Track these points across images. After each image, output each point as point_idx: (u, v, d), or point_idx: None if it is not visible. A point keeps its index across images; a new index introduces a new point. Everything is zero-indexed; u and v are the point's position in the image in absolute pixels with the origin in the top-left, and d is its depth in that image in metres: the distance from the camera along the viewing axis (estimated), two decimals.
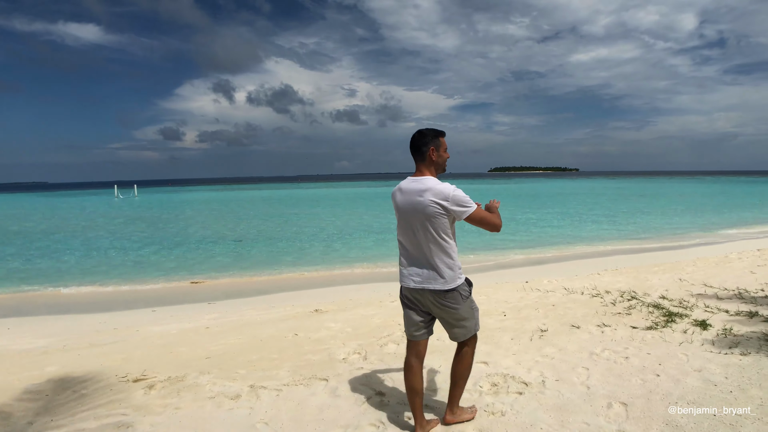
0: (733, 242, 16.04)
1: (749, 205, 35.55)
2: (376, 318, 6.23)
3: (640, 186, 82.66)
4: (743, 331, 5.10)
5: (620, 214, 28.78)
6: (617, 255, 13.93)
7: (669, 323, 5.43)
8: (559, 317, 5.89)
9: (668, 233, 19.09)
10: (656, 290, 7.15)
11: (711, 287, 7.25)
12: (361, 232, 21.45)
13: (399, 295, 3.14)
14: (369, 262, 14.37)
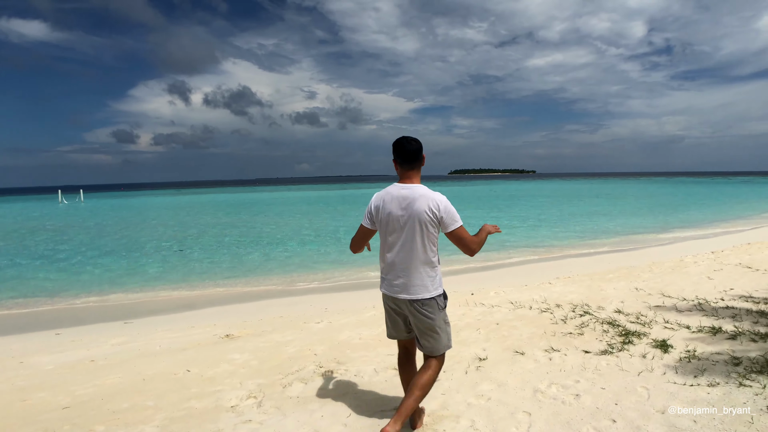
0: (686, 242, 15.83)
1: (698, 205, 36.17)
2: (291, 346, 5.32)
3: (595, 187, 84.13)
4: (708, 353, 4.44)
5: (575, 215, 28.64)
6: (571, 258, 13.39)
7: (626, 345, 4.73)
8: (502, 340, 5.11)
9: (622, 235, 18.81)
10: (611, 302, 6.48)
11: (669, 297, 6.63)
12: (314, 238, 20.43)
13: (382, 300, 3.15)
14: (314, 271, 13.40)
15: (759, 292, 6.76)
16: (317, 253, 16.40)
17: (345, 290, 10.88)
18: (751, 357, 4.28)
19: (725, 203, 37.66)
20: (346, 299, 9.61)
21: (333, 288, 11.16)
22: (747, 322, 5.34)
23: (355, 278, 12.05)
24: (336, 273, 12.91)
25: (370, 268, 13.00)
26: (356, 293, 10.29)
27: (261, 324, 7.03)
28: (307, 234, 21.65)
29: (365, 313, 6.76)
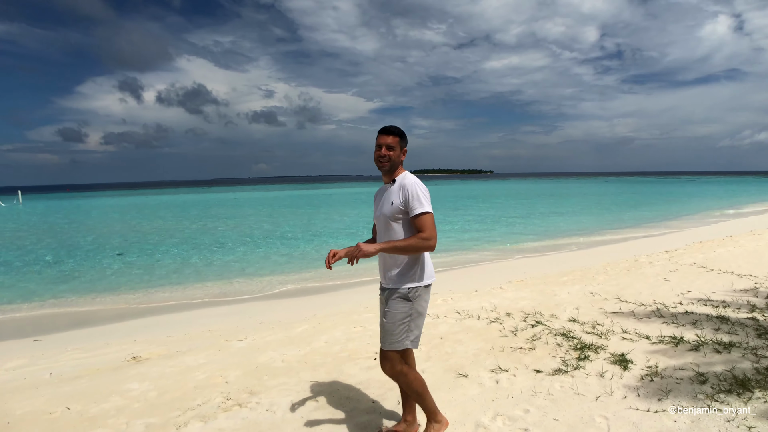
0: (639, 240, 15.78)
1: (649, 204, 36.92)
2: (201, 371, 4.58)
3: (550, 187, 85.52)
4: (671, 368, 3.96)
5: (530, 215, 28.62)
6: (526, 258, 13.01)
7: (582, 361, 4.20)
8: (445, 358, 4.51)
9: (576, 234, 18.68)
10: (565, 309, 5.99)
11: (626, 302, 6.20)
12: (263, 241, 19.50)
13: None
14: (259, 277, 12.55)
15: (716, 294, 6.41)
16: (264, 257, 15.55)
17: (289, 297, 10.15)
18: (717, 373, 3.82)
19: (674, 202, 38.60)
20: (287, 308, 8.90)
21: (277, 295, 10.40)
22: (708, 330, 4.92)
23: (301, 285, 11.30)
24: (282, 278, 12.14)
25: (314, 273, 12.31)
26: (299, 301, 9.59)
27: (179, 342, 6.25)
28: (257, 237, 20.71)
29: (297, 327, 6.07)
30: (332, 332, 5.66)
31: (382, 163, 2.78)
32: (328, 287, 10.77)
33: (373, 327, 5.73)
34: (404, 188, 2.74)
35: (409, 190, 2.71)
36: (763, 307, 5.64)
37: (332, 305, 8.45)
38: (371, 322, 5.99)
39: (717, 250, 10.40)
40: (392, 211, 2.75)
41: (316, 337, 5.49)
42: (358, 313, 6.69)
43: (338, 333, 5.61)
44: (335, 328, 5.83)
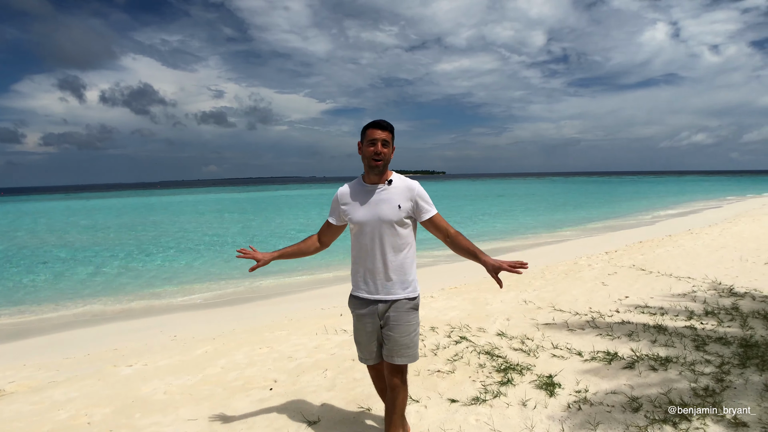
0: (580, 240, 15.72)
1: (593, 203, 37.62)
2: (66, 409, 3.82)
3: (499, 187, 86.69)
4: (602, 392, 3.48)
5: (477, 215, 28.52)
6: (466, 261, 12.52)
7: (504, 385, 3.67)
8: (352, 385, 3.90)
9: (520, 235, 18.53)
10: (495, 320, 5.49)
11: (560, 311, 5.76)
12: (198, 246, 18.42)
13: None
14: (188, 285, 11.63)
15: (654, 300, 6.06)
16: (194, 264, 14.58)
17: (214, 307, 9.34)
18: (652, 397, 3.36)
19: (617, 201, 39.46)
20: (208, 320, 8.14)
21: (200, 306, 9.56)
22: (644, 342, 4.51)
23: (231, 294, 10.49)
24: (214, 286, 11.30)
25: (241, 281, 11.53)
26: (223, 311, 8.81)
27: (67, 367, 5.44)
28: (190, 243, 19.59)
29: (198, 348, 5.35)
30: (234, 354, 4.97)
31: (377, 161, 2.53)
32: (256, 296, 10.03)
33: (281, 348, 5.08)
34: (413, 190, 2.60)
35: (419, 192, 2.61)
36: (701, 314, 5.29)
37: (252, 318, 7.75)
38: (280, 341, 5.33)
39: (656, 250, 10.22)
40: (400, 216, 2.56)
41: (214, 361, 4.79)
42: (271, 329, 6.01)
43: (240, 355, 4.92)
44: (239, 349, 5.14)
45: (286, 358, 4.72)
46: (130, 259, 15.78)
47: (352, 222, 2.62)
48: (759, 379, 3.58)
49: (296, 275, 11.94)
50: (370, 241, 2.58)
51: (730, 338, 4.46)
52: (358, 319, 2.70)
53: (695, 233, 13.20)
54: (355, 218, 2.60)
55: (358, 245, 2.64)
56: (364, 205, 2.59)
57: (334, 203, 2.71)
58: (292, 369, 4.40)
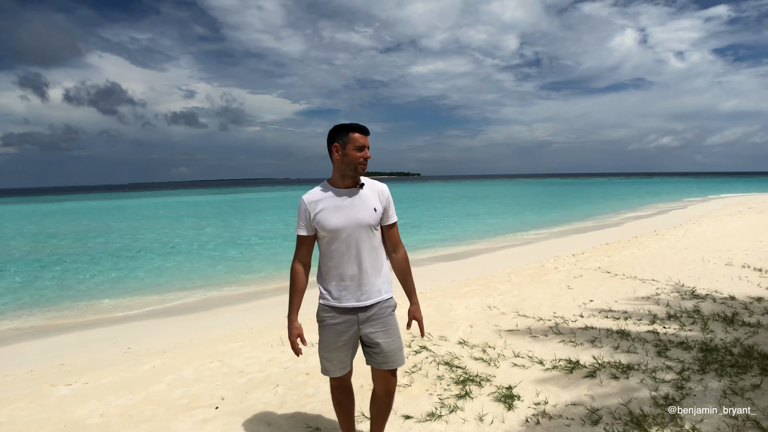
0: (549, 241, 15.79)
1: (564, 204, 38.06)
2: None
3: (473, 189, 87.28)
4: (561, 404, 3.37)
5: (449, 217, 28.54)
6: (437, 264, 12.49)
7: (461, 399, 3.53)
8: (303, 402, 3.71)
9: (491, 237, 18.52)
10: (458, 328, 5.37)
11: (524, 316, 5.66)
12: (164, 251, 17.91)
13: None
14: (150, 293, 11.21)
15: (618, 303, 6.02)
16: (155, 271, 14.14)
17: (176, 315, 9.01)
18: (612, 408, 3.25)
19: (586, 203, 39.99)
20: (170, 329, 7.80)
21: (160, 313, 9.20)
22: (607, 348, 4.43)
23: (194, 302, 10.14)
24: (175, 294, 10.93)
25: (204, 288, 11.20)
26: (184, 320, 8.49)
27: (2, 388, 5.09)
28: (157, 247, 19.05)
29: (146, 363, 5.09)
30: (183, 370, 4.73)
31: (364, 167, 2.48)
32: (220, 303, 9.73)
33: (232, 361, 4.86)
34: (384, 193, 2.57)
35: (388, 196, 2.59)
36: (663, 318, 5.26)
37: (212, 327, 7.48)
38: (233, 354, 5.11)
39: (622, 252, 10.27)
40: (376, 219, 2.52)
41: (161, 378, 4.54)
42: (225, 342, 5.77)
43: (189, 371, 4.68)
44: (189, 364, 4.90)
45: (236, 373, 4.50)
46: (81, 267, 15.18)
47: (325, 229, 2.46)
48: (718, 385, 3.52)
49: (262, 282, 11.67)
50: (346, 247, 2.48)
51: (691, 342, 4.42)
52: (331, 329, 2.55)
53: (660, 234, 13.36)
54: (330, 225, 2.45)
55: (330, 253, 2.51)
56: (339, 210, 2.47)
57: (302, 214, 2.51)
58: (241, 385, 4.19)
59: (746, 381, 3.57)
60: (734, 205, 25.52)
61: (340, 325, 2.54)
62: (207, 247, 18.40)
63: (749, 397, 3.31)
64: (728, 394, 3.37)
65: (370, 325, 2.55)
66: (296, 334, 2.58)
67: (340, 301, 2.52)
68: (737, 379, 3.60)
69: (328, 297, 2.55)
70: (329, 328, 2.56)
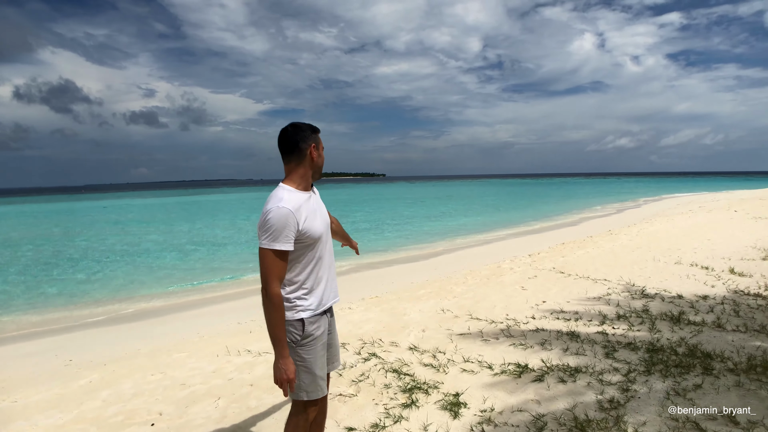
0: (507, 241, 15.97)
1: (522, 205, 38.61)
2: None
3: (437, 189, 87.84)
4: (508, 410, 3.33)
5: (412, 218, 28.55)
6: (396, 266, 12.41)
7: (407, 408, 3.44)
8: (243, 414, 3.57)
9: (451, 237, 18.59)
10: (410, 332, 5.29)
11: (477, 319, 5.63)
12: (110, 257, 17.30)
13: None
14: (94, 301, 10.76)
15: (570, 304, 6.05)
16: (102, 276, 13.63)
17: (125, 322, 8.66)
18: (558, 413, 3.22)
19: (546, 202, 40.70)
20: (117, 338, 7.48)
21: (107, 322, 8.83)
22: (557, 350, 4.42)
23: (144, 309, 9.79)
24: (123, 301, 10.52)
25: (157, 294, 10.84)
26: (132, 328, 8.17)
27: None
28: (107, 252, 18.40)
29: (83, 377, 4.84)
30: (121, 383, 4.50)
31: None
32: (173, 309, 9.41)
33: (175, 373, 4.66)
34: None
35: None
36: (613, 318, 5.30)
37: (162, 336, 7.21)
38: (176, 365, 4.91)
39: (577, 252, 10.41)
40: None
41: (96, 393, 4.31)
42: (170, 352, 5.54)
43: (128, 384, 4.46)
44: (129, 377, 4.68)
45: (178, 386, 4.31)
46: (25, 274, 14.55)
47: (312, 237, 2.25)
48: (662, 386, 3.53)
49: (216, 287, 11.37)
50: (324, 251, 2.36)
51: (638, 343, 4.45)
52: (320, 341, 2.34)
53: (614, 234, 13.62)
54: (317, 232, 2.27)
55: (309, 261, 2.29)
56: (316, 214, 2.32)
57: (290, 224, 2.15)
58: (181, 399, 4.00)
59: (689, 381, 3.59)
60: (686, 205, 26.34)
61: (324, 333, 2.38)
62: (159, 252, 17.87)
63: (691, 398, 3.32)
64: (671, 395, 3.38)
65: (332, 322, 2.50)
66: (293, 369, 2.21)
67: (323, 306, 2.36)
68: (680, 380, 3.62)
69: (312, 307, 2.31)
70: (318, 339, 2.33)
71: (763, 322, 4.85)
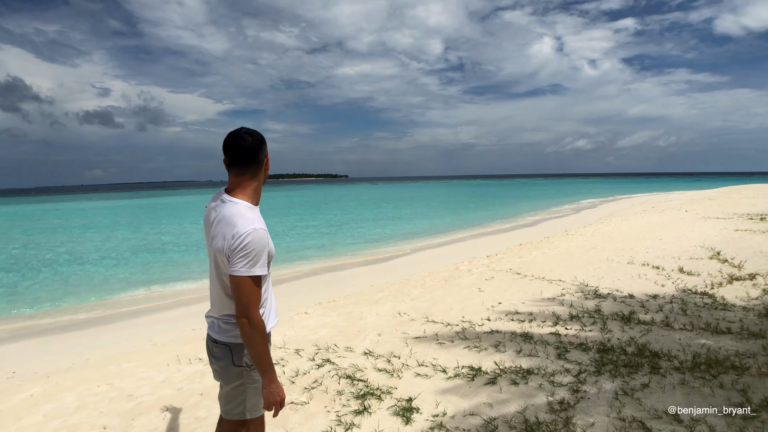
0: (466, 242, 16.12)
1: (483, 206, 39.08)
2: None
3: (399, 190, 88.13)
4: (460, 413, 3.33)
5: (377, 220, 28.50)
6: (355, 269, 12.33)
7: (359, 415, 3.39)
8: (191, 427, 3.43)
9: (411, 238, 18.63)
10: (366, 337, 5.24)
11: (433, 322, 5.62)
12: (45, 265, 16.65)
13: None
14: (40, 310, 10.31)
15: (525, 305, 6.11)
16: (54, 280, 13.10)
17: (76, 329, 8.32)
18: (509, 417, 3.23)
19: (506, 203, 41.28)
20: (66, 347, 7.17)
21: (56, 329, 8.46)
22: (510, 352, 4.45)
23: (97, 315, 9.42)
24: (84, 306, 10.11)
25: (102, 301, 10.49)
26: (83, 336, 7.85)
27: None
28: (58, 256, 17.72)
29: (26, 390, 4.60)
30: (64, 396, 4.30)
31: None
32: (127, 315, 9.09)
33: (122, 384, 4.48)
34: None
35: None
36: (566, 318, 5.37)
37: (113, 343, 6.95)
38: (125, 375, 4.72)
39: (533, 253, 10.55)
40: None
41: (37, 408, 4.10)
42: (119, 361, 5.34)
43: (71, 397, 4.26)
44: (73, 389, 4.48)
45: (125, 397, 4.14)
46: None
47: (272, 256, 2.09)
48: (611, 386, 3.58)
49: (172, 293, 11.07)
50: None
51: (590, 343, 4.51)
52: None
53: (571, 234, 13.89)
54: (273, 250, 2.12)
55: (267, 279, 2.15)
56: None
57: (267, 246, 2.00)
58: (128, 411, 3.85)
59: (637, 380, 3.66)
60: (640, 205, 27.14)
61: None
62: (111, 256, 17.31)
63: (638, 398, 3.38)
64: (619, 395, 3.43)
65: None
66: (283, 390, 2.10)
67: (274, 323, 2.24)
68: (629, 379, 3.68)
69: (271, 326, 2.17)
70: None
71: (708, 320, 4.99)
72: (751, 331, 4.58)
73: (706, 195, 31.05)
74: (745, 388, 3.38)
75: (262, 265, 1.97)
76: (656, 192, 48.76)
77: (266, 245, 1.98)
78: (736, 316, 5.13)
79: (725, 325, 4.82)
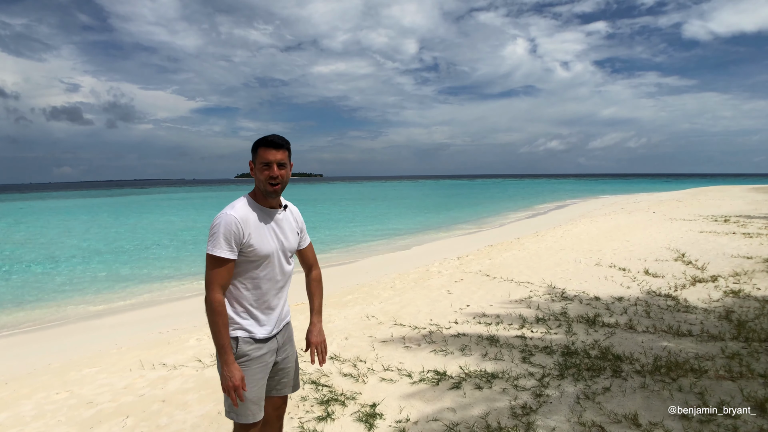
0: (438, 242, 16.19)
1: (457, 205, 39.30)
2: None
3: (374, 190, 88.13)
4: (423, 419, 3.34)
5: (336, 222, 28.40)
6: (325, 269, 12.18)
7: (322, 421, 3.35)
8: None
9: (383, 239, 18.62)
10: (333, 340, 5.21)
11: (401, 325, 5.61)
12: None
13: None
14: None
15: (493, 307, 6.14)
16: (19, 280, 12.71)
17: (40, 331, 8.08)
18: (471, 422, 3.23)
19: (479, 203, 41.59)
20: (31, 351, 6.93)
21: (21, 331, 8.20)
22: (476, 356, 4.46)
23: (59, 318, 9.16)
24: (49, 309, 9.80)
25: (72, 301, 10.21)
26: (48, 337, 7.62)
27: None
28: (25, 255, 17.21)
29: None
30: (22, 404, 4.16)
31: (275, 186, 2.18)
32: (92, 316, 8.85)
33: (82, 391, 4.36)
34: (298, 216, 2.42)
35: (300, 218, 2.44)
36: (532, 321, 5.41)
37: (78, 346, 6.77)
38: (85, 382, 4.59)
39: (503, 254, 10.63)
40: (298, 243, 2.41)
41: None
42: (80, 367, 5.19)
43: (29, 405, 4.13)
44: (31, 396, 4.33)
45: (84, 405, 4.02)
46: None
47: (256, 254, 2.16)
48: (573, 390, 3.61)
49: (138, 291, 10.83)
50: (273, 272, 2.24)
51: (554, 347, 4.55)
52: (257, 363, 2.22)
53: (540, 235, 14.04)
54: (263, 249, 2.17)
55: (257, 280, 2.20)
56: (269, 232, 2.22)
57: (235, 232, 2.09)
58: (86, 419, 3.74)
59: (599, 384, 3.69)
60: (609, 206, 27.62)
61: (265, 355, 2.25)
62: (77, 256, 16.89)
63: (599, 401, 3.41)
64: (581, 399, 3.46)
65: (285, 347, 2.39)
66: (241, 377, 2.11)
67: (264, 332, 2.23)
68: (591, 383, 3.72)
69: (252, 328, 2.21)
70: (255, 362, 2.21)
71: (670, 322, 5.09)
72: (710, 334, 4.68)
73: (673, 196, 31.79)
74: (702, 391, 3.44)
75: (224, 248, 2.08)
76: (626, 193, 49.70)
77: (230, 231, 2.08)
78: (698, 318, 5.23)
79: (686, 327, 4.91)
